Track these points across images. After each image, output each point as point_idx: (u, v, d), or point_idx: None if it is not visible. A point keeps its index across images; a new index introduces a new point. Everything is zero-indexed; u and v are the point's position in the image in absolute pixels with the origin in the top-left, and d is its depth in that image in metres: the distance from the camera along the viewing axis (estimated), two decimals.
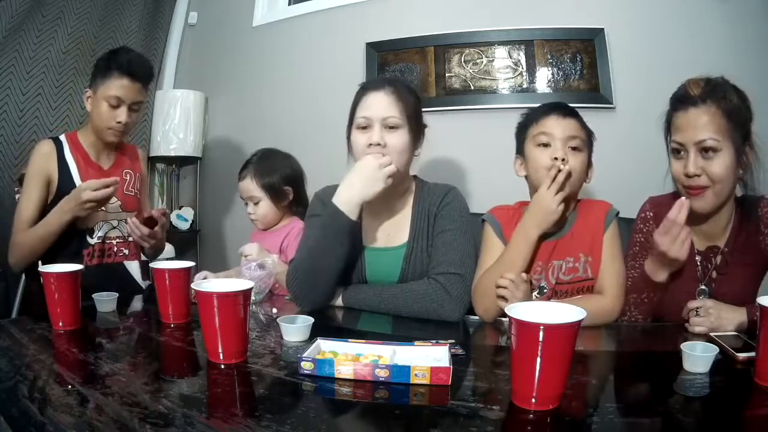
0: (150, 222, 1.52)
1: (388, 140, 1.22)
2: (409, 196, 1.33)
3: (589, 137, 1.26)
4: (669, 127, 1.16)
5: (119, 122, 1.55)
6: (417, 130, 1.28)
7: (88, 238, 1.58)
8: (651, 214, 1.26)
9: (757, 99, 1.12)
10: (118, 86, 1.53)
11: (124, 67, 1.53)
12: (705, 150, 1.08)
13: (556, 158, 1.19)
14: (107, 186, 1.44)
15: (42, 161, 1.56)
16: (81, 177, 1.57)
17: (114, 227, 1.62)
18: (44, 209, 1.53)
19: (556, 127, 1.22)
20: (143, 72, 1.58)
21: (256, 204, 1.64)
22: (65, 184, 1.54)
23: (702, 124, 1.08)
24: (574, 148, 1.21)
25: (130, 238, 1.61)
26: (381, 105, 1.23)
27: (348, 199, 1.18)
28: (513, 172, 1.32)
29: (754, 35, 1.83)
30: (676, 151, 1.14)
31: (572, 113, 1.25)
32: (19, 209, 1.53)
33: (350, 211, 1.18)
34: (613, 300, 1.17)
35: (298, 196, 1.69)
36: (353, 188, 1.19)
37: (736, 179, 1.13)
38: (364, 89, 1.29)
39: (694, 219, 1.19)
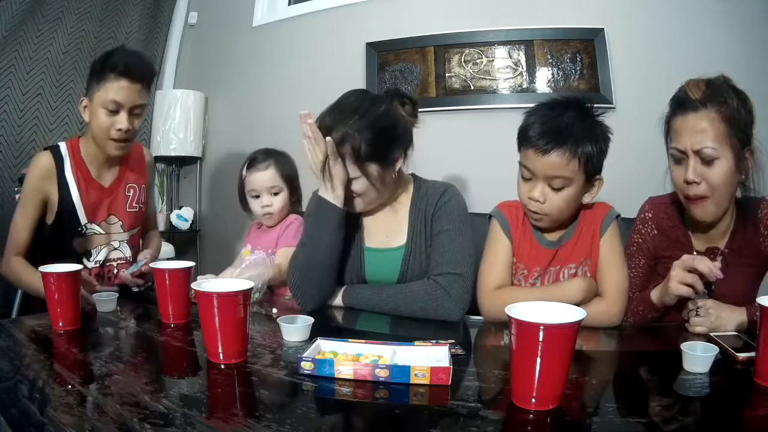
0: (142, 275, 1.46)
1: (354, 188, 1.21)
2: (406, 196, 1.32)
3: (585, 164, 1.11)
4: (668, 130, 1.15)
5: (119, 129, 1.40)
6: (384, 160, 1.21)
7: (85, 261, 1.47)
8: (650, 215, 1.26)
9: (757, 99, 1.11)
10: (116, 89, 1.38)
11: (121, 67, 1.37)
12: (704, 158, 1.08)
13: (531, 198, 1.15)
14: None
15: (40, 180, 1.43)
16: (81, 197, 1.46)
17: (115, 248, 1.52)
18: (38, 230, 1.45)
19: (536, 163, 1.12)
20: (142, 71, 1.43)
21: (275, 195, 1.57)
22: (65, 205, 1.44)
23: (701, 130, 1.06)
24: (556, 187, 1.12)
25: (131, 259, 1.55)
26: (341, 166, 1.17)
27: (328, 188, 1.20)
28: (512, 172, 1.30)
29: (754, 35, 1.84)
30: (676, 158, 1.13)
31: (558, 144, 1.09)
32: (14, 225, 1.44)
33: (334, 198, 1.19)
34: (613, 305, 1.14)
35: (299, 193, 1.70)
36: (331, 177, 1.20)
37: (737, 184, 1.12)
38: (321, 116, 1.28)
39: (697, 225, 1.19)
